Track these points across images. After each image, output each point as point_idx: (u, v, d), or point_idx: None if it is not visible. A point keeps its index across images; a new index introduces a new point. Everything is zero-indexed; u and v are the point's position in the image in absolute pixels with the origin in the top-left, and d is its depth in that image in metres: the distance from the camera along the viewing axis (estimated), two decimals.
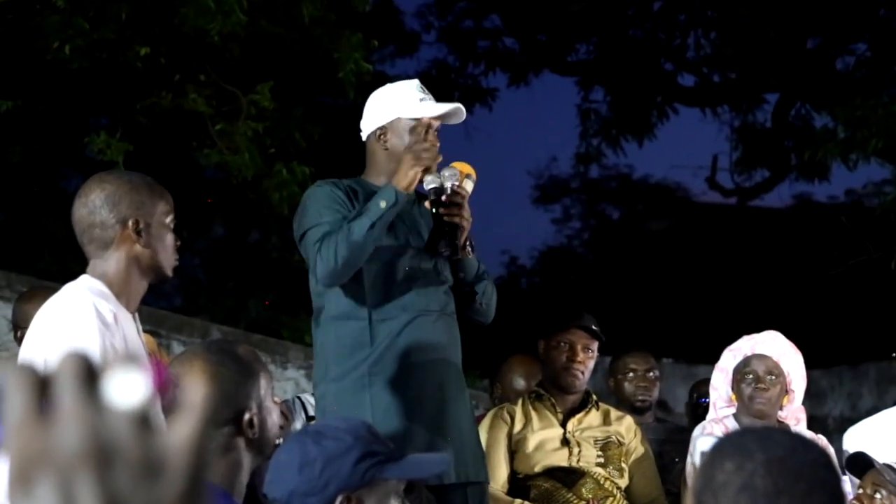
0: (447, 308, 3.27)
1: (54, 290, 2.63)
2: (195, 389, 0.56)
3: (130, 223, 2.54)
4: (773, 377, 3.62)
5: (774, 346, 3.66)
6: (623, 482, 3.77)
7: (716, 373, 3.81)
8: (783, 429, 2.26)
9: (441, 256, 3.22)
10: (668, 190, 16.35)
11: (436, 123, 3.27)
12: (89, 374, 0.54)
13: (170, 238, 2.60)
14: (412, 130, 3.24)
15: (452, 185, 3.17)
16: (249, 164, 7.37)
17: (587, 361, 3.87)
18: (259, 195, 8.33)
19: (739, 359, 3.69)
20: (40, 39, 7.11)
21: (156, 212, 2.58)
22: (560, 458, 3.73)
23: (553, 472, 3.70)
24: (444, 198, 3.15)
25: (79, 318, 2.42)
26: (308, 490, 1.94)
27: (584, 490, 3.68)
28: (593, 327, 3.90)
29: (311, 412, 4.38)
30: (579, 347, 3.85)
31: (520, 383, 4.35)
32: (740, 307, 11.77)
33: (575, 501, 3.66)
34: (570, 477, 3.70)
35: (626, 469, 3.80)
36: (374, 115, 3.31)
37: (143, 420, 0.54)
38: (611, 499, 3.70)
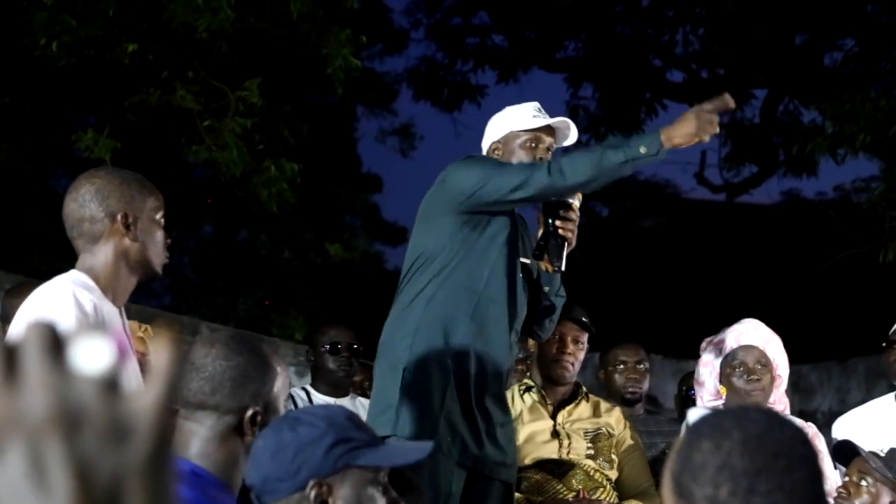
0: (519, 325, 3.42)
1: None
2: (163, 355, 0.56)
3: (120, 217, 2.55)
4: (762, 366, 3.62)
5: (758, 336, 3.66)
6: (613, 474, 3.78)
7: (700, 367, 3.79)
8: (759, 407, 2.25)
9: (551, 266, 3.32)
10: (657, 187, 16.37)
11: (547, 140, 3.39)
12: (55, 341, 0.54)
13: (159, 234, 2.61)
14: (523, 143, 3.38)
15: (571, 200, 3.29)
16: (238, 161, 7.36)
17: (577, 353, 3.88)
18: (248, 192, 8.32)
19: (726, 351, 3.67)
20: (27, 36, 7.09)
21: (145, 207, 2.59)
22: (550, 450, 3.73)
23: (543, 464, 3.70)
24: (562, 211, 3.26)
25: (56, 304, 2.42)
26: (280, 476, 1.93)
27: (574, 481, 3.68)
28: (583, 319, 3.90)
29: (301, 405, 4.38)
30: (569, 339, 3.86)
31: None
32: (729, 303, 11.79)
33: (565, 493, 3.66)
34: (560, 469, 3.70)
35: (616, 460, 3.80)
36: (491, 132, 3.48)
37: (109, 385, 0.54)
38: (601, 490, 3.70)
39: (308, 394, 4.53)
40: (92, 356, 0.54)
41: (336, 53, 7.32)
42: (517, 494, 3.67)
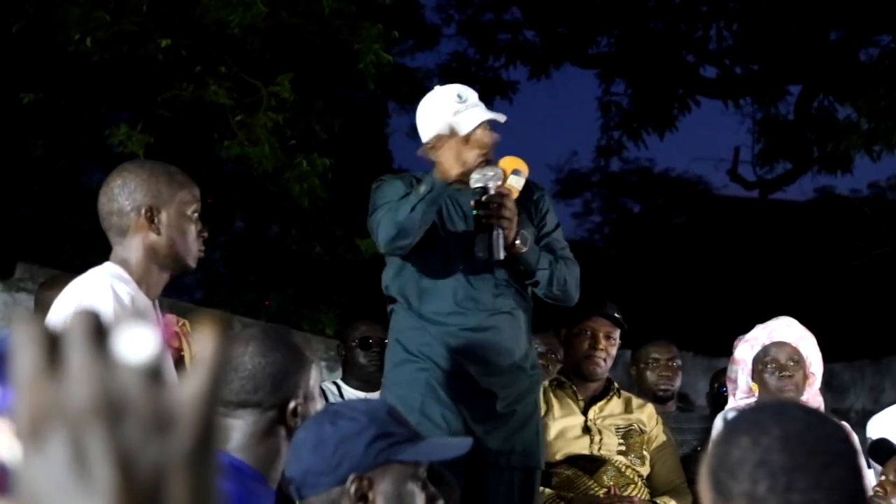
0: (503, 306, 3.35)
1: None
2: (207, 344, 0.55)
3: (143, 211, 2.54)
4: (795, 363, 3.59)
5: (791, 332, 3.64)
6: (644, 470, 3.76)
7: (732, 365, 3.77)
8: (798, 403, 2.23)
9: (479, 259, 3.28)
10: (689, 183, 16.28)
11: (483, 133, 3.36)
12: (99, 329, 0.54)
13: (191, 229, 2.59)
14: (457, 144, 3.33)
15: (495, 185, 3.24)
16: (270, 156, 7.38)
17: (609, 349, 3.87)
18: (279, 187, 8.34)
19: (758, 348, 3.65)
20: (61, 32, 7.14)
21: (174, 201, 2.56)
22: (581, 446, 3.72)
23: (574, 460, 3.69)
24: (484, 198, 3.22)
25: (94, 295, 2.43)
26: (321, 469, 1.93)
27: (605, 478, 3.67)
28: (615, 315, 3.88)
29: (332, 399, 4.39)
30: (601, 335, 3.84)
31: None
32: (761, 300, 11.71)
33: (596, 489, 3.65)
34: (591, 465, 3.69)
35: (648, 457, 3.79)
36: (422, 132, 3.46)
37: (153, 375, 0.54)
38: (632, 486, 3.69)
39: (339, 388, 4.54)
40: (136, 345, 0.54)
41: (368, 49, 7.33)
42: (547, 490, 3.66)
